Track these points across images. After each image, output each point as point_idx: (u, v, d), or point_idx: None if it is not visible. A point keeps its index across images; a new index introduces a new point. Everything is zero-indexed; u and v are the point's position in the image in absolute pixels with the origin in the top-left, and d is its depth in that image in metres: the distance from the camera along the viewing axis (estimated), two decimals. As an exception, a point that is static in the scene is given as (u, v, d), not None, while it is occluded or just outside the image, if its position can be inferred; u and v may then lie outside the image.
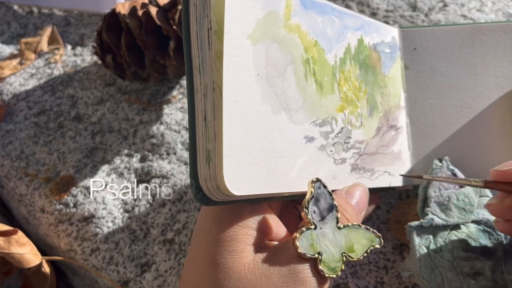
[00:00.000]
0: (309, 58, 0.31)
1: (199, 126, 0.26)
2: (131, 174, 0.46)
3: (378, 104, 0.37)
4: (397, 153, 0.38)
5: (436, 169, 0.37)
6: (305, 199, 0.27)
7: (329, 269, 0.26)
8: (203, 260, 0.27)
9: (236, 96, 0.25)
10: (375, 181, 0.35)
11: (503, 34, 0.41)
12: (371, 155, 0.36)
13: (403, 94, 0.41)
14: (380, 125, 0.37)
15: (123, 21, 0.48)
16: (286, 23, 0.29)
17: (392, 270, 0.36)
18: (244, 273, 0.26)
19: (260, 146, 0.27)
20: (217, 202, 0.26)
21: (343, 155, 0.33)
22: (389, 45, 0.40)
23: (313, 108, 0.31)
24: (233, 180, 0.25)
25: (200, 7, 0.25)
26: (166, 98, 0.52)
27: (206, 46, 0.25)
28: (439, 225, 0.33)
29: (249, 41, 0.26)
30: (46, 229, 0.45)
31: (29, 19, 0.66)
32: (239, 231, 0.27)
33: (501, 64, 0.40)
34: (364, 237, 0.28)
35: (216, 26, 0.25)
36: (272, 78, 0.28)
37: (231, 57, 0.25)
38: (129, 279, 0.40)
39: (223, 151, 0.24)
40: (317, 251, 0.26)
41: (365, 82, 0.36)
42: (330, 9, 0.33)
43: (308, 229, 0.27)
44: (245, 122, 0.26)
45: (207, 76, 0.25)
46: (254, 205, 0.29)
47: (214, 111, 0.25)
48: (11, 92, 0.57)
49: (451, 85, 0.41)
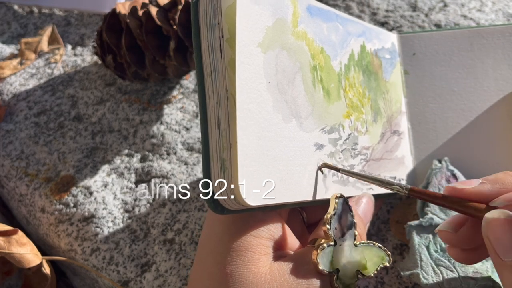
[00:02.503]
0: (316, 65, 0.30)
1: (213, 134, 0.26)
2: (131, 174, 0.46)
3: (381, 109, 0.37)
4: (401, 158, 0.38)
5: (435, 169, 0.37)
6: (327, 214, 0.27)
7: (344, 286, 0.27)
8: (215, 269, 0.27)
9: (248, 104, 0.25)
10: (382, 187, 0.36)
11: (502, 37, 0.41)
12: (377, 161, 0.36)
13: (403, 99, 0.41)
14: (384, 131, 0.37)
15: (123, 21, 0.48)
16: (294, 30, 0.29)
17: (392, 270, 0.36)
18: (262, 284, 0.26)
19: (273, 155, 0.26)
20: (231, 211, 0.26)
21: (351, 161, 0.33)
22: (389, 51, 0.41)
23: (322, 115, 0.30)
24: (247, 190, 0.25)
25: (210, 14, 0.25)
26: (166, 98, 0.52)
27: (218, 54, 0.25)
28: (438, 224, 0.33)
29: (260, 49, 0.26)
30: (46, 229, 0.45)
31: (29, 19, 0.66)
32: (253, 241, 0.27)
33: (500, 67, 0.40)
34: (376, 255, 0.28)
35: (228, 34, 0.25)
36: (282, 86, 0.28)
37: (243, 65, 0.25)
38: (129, 279, 0.40)
39: (238, 160, 0.24)
40: (335, 268, 0.27)
41: (369, 88, 0.36)
42: (334, 15, 0.33)
43: (329, 245, 0.27)
44: (258, 131, 0.25)
45: (220, 84, 0.25)
46: (266, 213, 0.29)
47: (228, 120, 0.25)
48: (11, 92, 0.57)
49: (451, 89, 0.41)
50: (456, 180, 0.36)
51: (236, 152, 0.24)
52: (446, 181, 0.36)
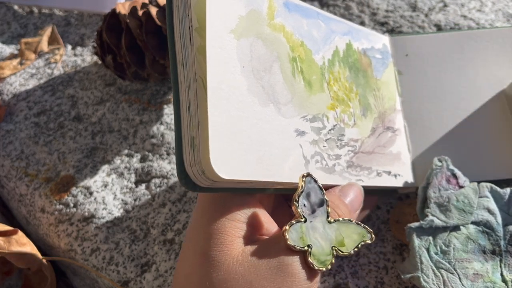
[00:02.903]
0: (296, 57, 0.32)
1: (184, 115, 0.27)
2: (131, 174, 0.46)
3: (371, 105, 0.38)
4: (396, 154, 0.39)
5: (436, 169, 0.37)
6: (295, 192, 0.27)
7: (318, 262, 0.27)
8: (193, 253, 0.28)
9: (220, 84, 0.26)
10: (374, 180, 0.36)
11: (490, 39, 0.43)
12: (368, 154, 0.36)
13: (398, 98, 0.42)
14: (376, 126, 0.38)
15: (123, 21, 0.48)
16: (270, 23, 0.30)
17: (392, 270, 0.36)
18: (233, 265, 0.26)
19: (248, 134, 0.27)
20: (204, 188, 0.27)
21: (337, 151, 0.33)
22: (380, 51, 0.42)
23: (303, 104, 0.31)
24: (219, 163, 0.25)
25: (182, 8, 0.27)
26: (166, 98, 0.52)
27: (188, 42, 0.27)
28: (438, 226, 0.33)
29: (232, 35, 0.28)
30: (46, 229, 0.45)
31: (29, 19, 0.66)
32: (227, 224, 0.28)
33: (490, 67, 0.42)
34: (355, 232, 0.28)
35: (197, 24, 0.27)
36: (258, 72, 0.29)
37: (214, 49, 0.26)
38: (129, 279, 0.40)
39: (209, 135, 0.25)
40: (307, 244, 0.27)
41: (356, 84, 0.37)
42: (315, 13, 0.35)
43: (298, 222, 0.27)
44: (231, 110, 0.27)
45: (190, 69, 0.27)
46: (243, 198, 0.29)
47: (197, 100, 0.26)
48: (11, 92, 0.57)
49: (445, 89, 0.42)
50: (456, 180, 0.36)
51: (207, 127, 0.25)
52: (446, 181, 0.36)
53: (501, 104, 0.41)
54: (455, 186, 0.36)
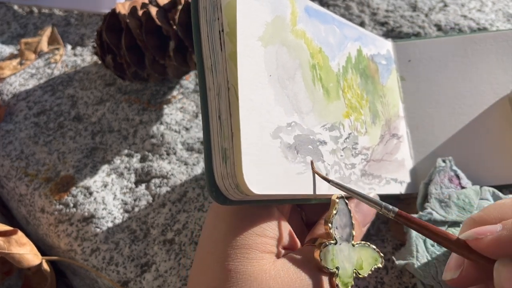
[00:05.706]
0: (315, 64, 0.31)
1: (214, 125, 0.26)
2: (131, 174, 0.46)
3: (379, 112, 0.38)
4: (401, 161, 0.39)
5: (439, 168, 0.37)
6: (329, 213, 0.28)
7: (342, 284, 0.28)
8: (219, 267, 0.27)
9: (251, 95, 0.25)
10: (383, 188, 0.36)
11: (494, 42, 0.42)
12: (378, 162, 0.36)
13: (401, 104, 0.41)
14: (383, 133, 0.38)
15: (123, 21, 0.48)
16: (293, 29, 0.30)
17: (392, 270, 0.36)
18: (266, 280, 0.26)
19: (276, 146, 0.27)
20: (234, 201, 0.26)
21: (352, 160, 0.33)
22: (384, 57, 0.41)
23: (322, 112, 0.31)
24: (252, 178, 0.24)
25: (210, 10, 0.26)
26: (166, 98, 0.52)
27: (218, 48, 0.26)
28: (437, 220, 0.34)
29: (260, 43, 0.27)
30: (46, 229, 0.45)
31: (29, 19, 0.66)
32: (257, 239, 0.28)
33: (494, 71, 0.41)
34: (371, 256, 0.30)
35: (228, 28, 0.25)
36: (283, 80, 0.28)
37: (245, 57, 0.25)
38: (129, 279, 0.40)
39: (241, 148, 0.24)
40: (336, 266, 0.28)
41: (366, 90, 0.37)
42: (331, 18, 0.34)
43: (330, 244, 0.28)
44: (260, 121, 0.26)
45: (220, 76, 0.26)
46: (270, 212, 0.29)
47: (229, 110, 0.25)
48: (11, 92, 0.57)
49: (448, 94, 0.41)
50: (458, 181, 0.36)
51: (240, 140, 0.24)
52: (448, 181, 0.36)
53: (504, 109, 0.40)
54: (457, 186, 0.36)
